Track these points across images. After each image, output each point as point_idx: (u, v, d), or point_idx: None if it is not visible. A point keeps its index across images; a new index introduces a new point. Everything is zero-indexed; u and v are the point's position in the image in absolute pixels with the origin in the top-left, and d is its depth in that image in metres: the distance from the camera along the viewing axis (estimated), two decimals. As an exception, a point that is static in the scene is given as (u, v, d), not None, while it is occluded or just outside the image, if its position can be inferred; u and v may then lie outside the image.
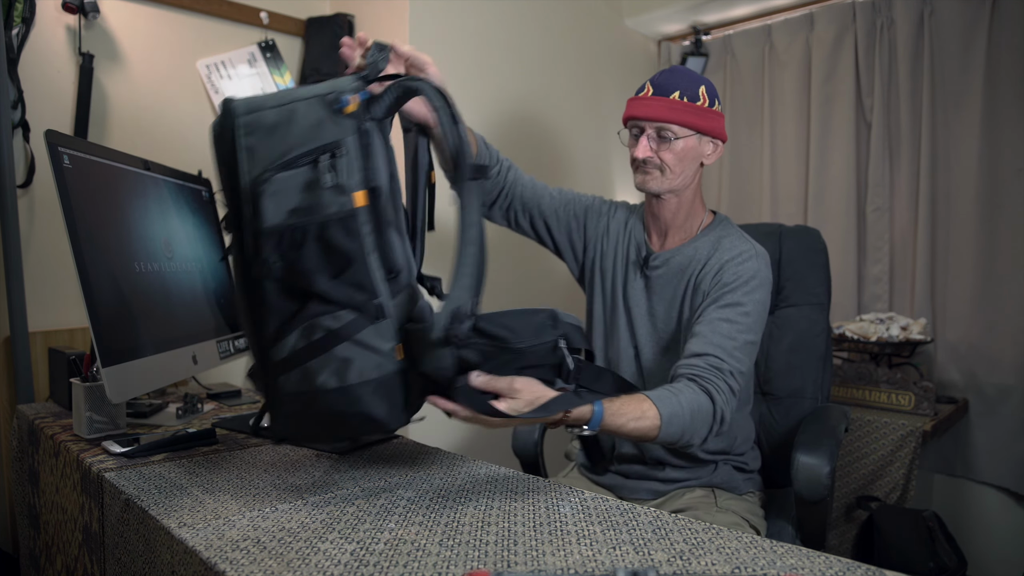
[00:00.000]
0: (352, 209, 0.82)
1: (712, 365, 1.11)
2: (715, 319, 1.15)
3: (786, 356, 1.48)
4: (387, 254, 0.86)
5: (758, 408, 1.47)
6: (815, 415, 1.40)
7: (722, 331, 1.14)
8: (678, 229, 1.31)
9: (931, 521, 1.88)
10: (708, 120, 1.25)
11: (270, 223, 0.82)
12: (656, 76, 1.26)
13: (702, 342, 1.13)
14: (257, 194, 0.82)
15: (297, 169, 0.83)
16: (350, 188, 0.82)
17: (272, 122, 0.84)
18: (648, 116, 1.23)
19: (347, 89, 0.84)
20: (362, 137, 0.84)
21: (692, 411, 1.05)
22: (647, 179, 1.26)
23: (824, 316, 1.50)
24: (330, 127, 0.83)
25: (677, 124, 1.22)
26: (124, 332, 1.13)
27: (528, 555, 0.70)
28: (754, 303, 1.17)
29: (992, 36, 2.08)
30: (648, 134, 1.23)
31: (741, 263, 1.20)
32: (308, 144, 0.83)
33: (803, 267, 1.51)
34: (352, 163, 0.83)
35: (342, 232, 0.82)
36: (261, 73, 1.98)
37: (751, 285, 1.18)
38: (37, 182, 1.60)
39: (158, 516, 0.81)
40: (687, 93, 1.23)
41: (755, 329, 1.17)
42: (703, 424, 1.07)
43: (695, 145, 1.25)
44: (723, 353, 1.12)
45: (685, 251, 1.28)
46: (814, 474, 1.18)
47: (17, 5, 1.54)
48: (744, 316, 1.16)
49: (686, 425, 1.05)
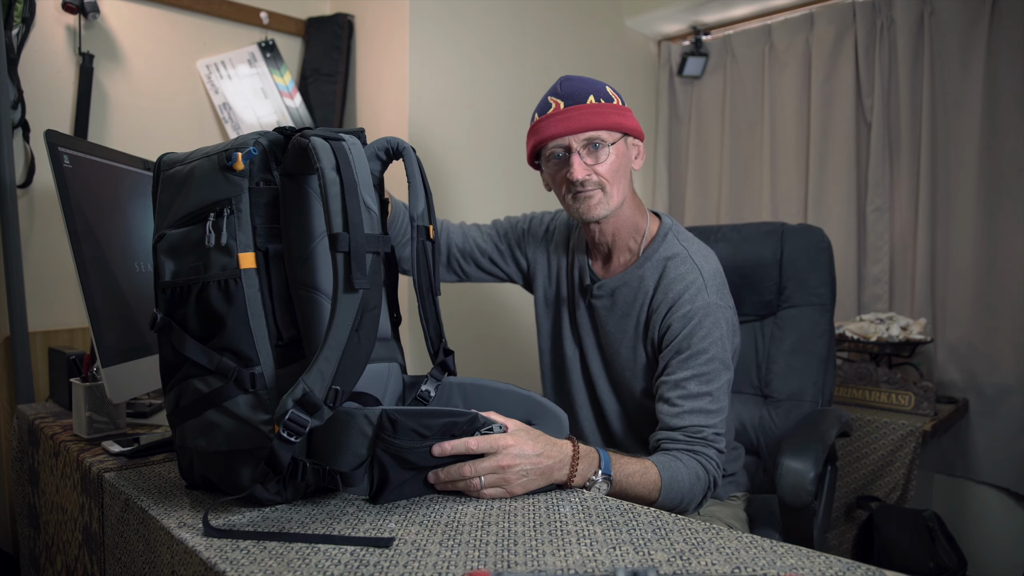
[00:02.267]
0: (235, 270, 0.78)
1: (694, 436, 1.07)
2: (681, 380, 1.09)
3: (786, 358, 1.46)
4: (283, 319, 0.81)
5: (757, 411, 1.46)
6: (808, 418, 1.38)
7: (692, 391, 1.08)
8: (621, 249, 1.21)
9: (931, 521, 1.88)
10: (629, 119, 1.13)
11: (163, 279, 0.83)
12: (554, 91, 1.13)
13: (678, 412, 1.08)
14: (155, 249, 0.84)
15: (188, 227, 0.81)
16: (236, 249, 0.78)
17: (181, 178, 0.83)
18: (575, 129, 1.08)
19: (243, 145, 0.79)
20: (256, 196, 0.80)
21: (691, 480, 1.03)
22: (589, 204, 1.11)
23: (827, 317, 1.48)
24: (221, 185, 0.80)
25: (605, 129, 1.09)
26: (124, 332, 1.13)
27: (528, 555, 0.70)
28: (714, 341, 1.10)
29: (992, 36, 2.08)
30: (577, 151, 1.09)
31: (691, 301, 1.11)
32: (200, 202, 0.81)
33: (805, 267, 1.48)
34: (243, 222, 0.79)
35: (219, 295, 0.79)
36: (261, 73, 1.98)
37: (707, 325, 1.10)
38: (37, 182, 1.60)
39: (158, 516, 0.81)
40: (600, 95, 1.11)
41: (724, 366, 1.11)
42: (700, 492, 1.05)
43: (623, 151, 1.13)
44: (702, 418, 1.07)
45: (630, 282, 1.18)
46: (798, 480, 1.15)
47: (17, 5, 1.53)
48: (710, 362, 1.09)
49: (685, 492, 1.02)
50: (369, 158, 0.90)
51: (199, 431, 0.81)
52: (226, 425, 0.79)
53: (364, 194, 0.77)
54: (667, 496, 1.00)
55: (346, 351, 0.74)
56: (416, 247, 0.90)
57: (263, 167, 0.80)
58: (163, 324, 0.82)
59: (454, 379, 1.00)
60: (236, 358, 0.79)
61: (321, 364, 0.73)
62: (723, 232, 1.56)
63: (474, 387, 0.99)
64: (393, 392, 0.98)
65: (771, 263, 1.49)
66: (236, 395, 0.78)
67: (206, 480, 0.86)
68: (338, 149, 0.76)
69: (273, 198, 0.81)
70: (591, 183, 1.10)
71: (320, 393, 0.73)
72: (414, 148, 0.96)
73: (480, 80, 2.12)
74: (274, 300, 0.80)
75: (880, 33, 2.28)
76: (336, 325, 0.73)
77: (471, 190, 2.11)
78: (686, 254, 1.16)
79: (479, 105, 2.12)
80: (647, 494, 0.98)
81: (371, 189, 0.79)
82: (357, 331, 0.75)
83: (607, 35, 2.57)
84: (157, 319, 0.83)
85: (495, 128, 2.16)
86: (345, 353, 0.74)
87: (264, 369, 0.79)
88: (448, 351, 0.98)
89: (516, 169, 2.22)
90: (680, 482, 1.02)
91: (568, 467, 0.89)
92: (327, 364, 0.73)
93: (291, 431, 0.73)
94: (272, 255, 0.81)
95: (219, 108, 1.91)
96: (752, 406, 1.47)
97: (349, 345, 0.74)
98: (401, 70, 1.94)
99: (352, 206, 0.75)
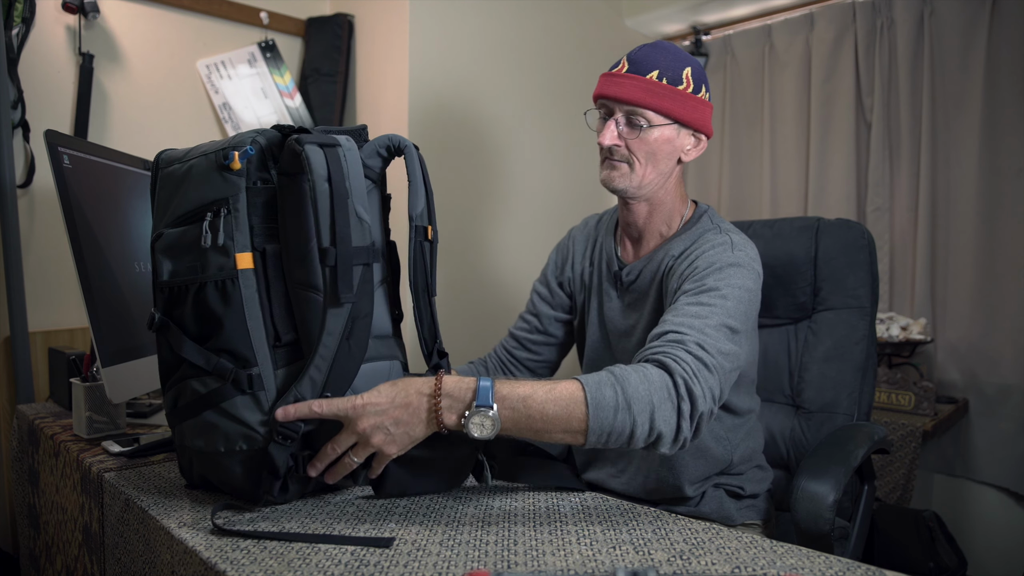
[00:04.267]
0: (232, 271, 0.78)
1: (670, 339, 0.87)
2: (683, 305, 0.94)
3: (820, 366, 1.33)
4: (281, 320, 0.80)
5: (789, 422, 1.35)
6: (835, 435, 1.22)
7: (690, 312, 0.91)
8: (652, 234, 1.14)
9: (931, 521, 1.88)
10: (690, 108, 1.05)
11: (160, 279, 0.83)
12: (635, 50, 1.07)
13: (661, 324, 0.91)
14: (153, 248, 0.84)
15: (185, 227, 0.81)
16: (233, 249, 0.78)
17: (178, 177, 0.83)
18: (618, 96, 1.04)
19: (240, 144, 0.79)
20: (254, 195, 0.79)
21: (639, 385, 0.78)
22: (612, 175, 1.07)
23: (866, 321, 1.34)
24: (219, 184, 0.79)
25: (652, 110, 1.03)
26: (124, 332, 1.13)
27: (528, 555, 0.70)
28: (732, 287, 0.95)
29: (992, 36, 2.08)
30: (616, 119, 1.05)
31: (714, 248, 1.02)
32: (197, 201, 0.80)
33: (842, 266, 1.34)
34: (240, 222, 0.78)
35: (217, 295, 0.78)
36: (261, 73, 1.98)
37: (728, 271, 0.98)
38: (37, 182, 1.60)
39: (158, 516, 0.81)
40: (668, 74, 1.03)
41: (735, 314, 0.93)
42: (660, 400, 0.78)
43: (672, 137, 1.06)
44: (687, 328, 0.88)
45: (657, 255, 1.11)
46: (815, 505, 1.02)
47: (17, 5, 1.53)
48: (720, 299, 0.93)
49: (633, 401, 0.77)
50: (370, 155, 0.89)
51: (197, 432, 0.81)
52: (223, 426, 0.79)
53: (356, 204, 0.77)
54: (600, 411, 0.75)
55: (336, 359, 0.76)
56: (413, 247, 0.89)
57: (260, 166, 0.80)
58: (161, 324, 0.82)
59: None
60: (233, 359, 0.79)
61: (312, 372, 0.76)
62: (754, 228, 1.45)
63: None
64: None
65: (805, 261, 1.36)
66: (233, 396, 0.78)
67: (205, 480, 0.86)
68: (331, 157, 0.76)
69: (270, 197, 0.80)
70: (619, 154, 1.06)
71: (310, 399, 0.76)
72: (417, 147, 0.96)
73: (480, 80, 2.12)
74: (272, 301, 0.80)
75: (880, 33, 2.28)
76: (326, 334, 0.75)
77: (471, 190, 2.11)
78: (718, 228, 1.09)
79: (479, 105, 2.12)
80: (564, 414, 0.76)
81: (364, 198, 0.79)
82: (348, 339, 0.76)
83: (607, 35, 2.57)
84: (155, 319, 0.83)
85: (495, 128, 2.16)
86: (336, 361, 0.76)
87: (262, 370, 0.79)
88: (443, 353, 0.94)
89: (516, 169, 2.22)
90: (620, 393, 0.76)
91: (426, 409, 0.76)
92: (317, 372, 0.76)
93: (284, 436, 0.77)
94: (270, 255, 0.80)
95: (219, 108, 1.91)
96: (783, 416, 1.36)
97: (339, 353, 0.76)
98: (401, 70, 1.94)
99: (341, 220, 0.75)
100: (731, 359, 0.89)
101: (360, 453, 0.79)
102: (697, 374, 0.82)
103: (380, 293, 0.90)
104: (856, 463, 1.11)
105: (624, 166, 1.07)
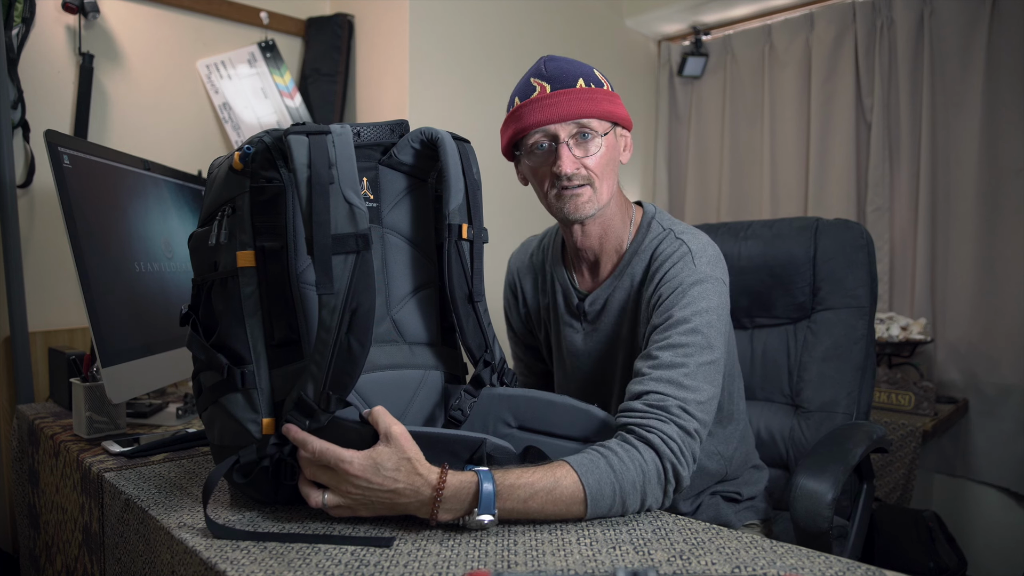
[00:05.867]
0: (232, 268, 0.79)
1: (653, 405, 0.85)
2: (654, 350, 0.91)
3: (819, 365, 1.34)
4: (279, 319, 0.79)
5: (788, 421, 1.35)
6: (833, 433, 1.23)
7: (664, 360, 0.89)
8: (609, 253, 1.07)
9: (931, 521, 1.88)
10: (619, 106, 1.01)
11: (193, 277, 0.86)
12: (539, 71, 1.00)
13: (641, 380, 0.89)
14: (190, 248, 0.87)
15: (205, 227, 0.84)
16: (236, 247, 0.79)
17: (210, 180, 0.86)
18: (565, 115, 0.95)
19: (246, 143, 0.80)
20: (256, 194, 0.79)
21: (635, 475, 0.80)
22: (579, 203, 0.98)
23: (865, 321, 1.35)
24: (231, 184, 0.80)
25: (597, 118, 0.97)
26: (124, 332, 1.13)
27: (528, 555, 0.70)
28: (700, 313, 0.92)
29: (992, 36, 2.08)
30: (565, 141, 0.96)
31: (674, 266, 0.97)
32: (214, 202, 0.83)
33: (841, 266, 1.35)
34: (243, 221, 0.79)
35: (219, 292, 0.80)
36: (261, 73, 1.98)
37: (692, 294, 0.94)
38: (37, 182, 1.60)
39: (158, 516, 0.81)
40: (590, 79, 0.98)
41: (710, 343, 0.92)
42: (651, 488, 0.81)
43: (612, 142, 1.00)
44: (669, 388, 0.87)
45: (620, 281, 1.05)
46: (813, 503, 1.03)
47: (17, 5, 1.54)
48: (692, 334, 0.91)
49: (628, 492, 0.80)
50: (402, 148, 0.89)
51: (207, 422, 0.84)
52: (221, 420, 0.80)
53: (345, 189, 0.74)
54: (597, 506, 0.78)
55: (336, 355, 0.73)
56: (448, 248, 0.84)
57: (266, 165, 0.80)
58: (185, 317, 0.86)
59: (503, 391, 0.90)
60: (229, 355, 0.80)
61: (312, 369, 0.74)
62: (754, 228, 1.45)
63: (526, 399, 0.89)
64: (423, 402, 0.91)
65: (804, 261, 1.37)
66: (229, 392, 0.79)
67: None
68: (315, 144, 0.75)
69: (275, 195, 0.80)
70: (579, 178, 0.97)
71: (313, 398, 0.74)
72: (467, 140, 0.91)
73: (480, 80, 2.12)
74: (272, 299, 0.80)
75: (880, 33, 2.28)
76: (321, 328, 0.73)
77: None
78: (670, 234, 1.04)
79: (479, 105, 2.12)
80: (564, 511, 0.77)
81: (355, 183, 0.76)
82: (348, 334, 0.74)
83: (607, 35, 2.57)
84: (185, 313, 0.86)
85: (495, 128, 2.16)
86: (335, 357, 0.73)
87: (256, 368, 0.79)
88: (496, 367, 0.89)
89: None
90: (614, 484, 0.79)
91: (418, 506, 0.74)
92: (317, 368, 0.74)
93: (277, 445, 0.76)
94: (270, 253, 0.80)
95: (219, 108, 1.91)
96: (783, 416, 1.37)
97: (338, 349, 0.73)
98: (401, 70, 1.94)
99: (319, 206, 0.72)
100: (713, 400, 0.91)
101: (332, 501, 0.75)
102: (683, 452, 0.83)
103: (422, 297, 0.90)
104: (855, 462, 1.12)
105: (587, 190, 0.98)
